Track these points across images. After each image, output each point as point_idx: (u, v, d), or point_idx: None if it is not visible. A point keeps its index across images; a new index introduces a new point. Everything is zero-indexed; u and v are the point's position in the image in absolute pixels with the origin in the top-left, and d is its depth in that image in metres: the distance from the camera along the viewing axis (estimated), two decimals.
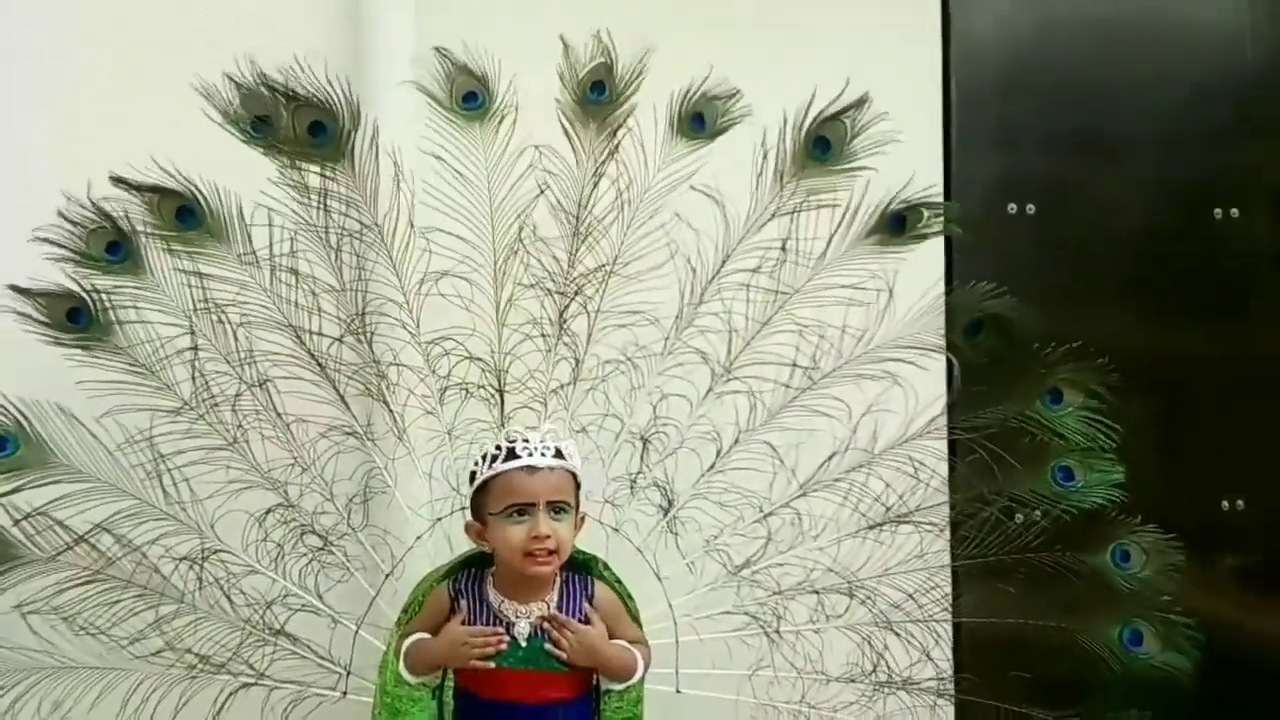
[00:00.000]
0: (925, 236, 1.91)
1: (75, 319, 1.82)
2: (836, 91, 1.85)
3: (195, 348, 1.85)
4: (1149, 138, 2.53)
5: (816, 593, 1.92)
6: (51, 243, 1.78)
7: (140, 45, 2.09)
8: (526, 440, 1.69)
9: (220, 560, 1.89)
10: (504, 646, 1.70)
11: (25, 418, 1.81)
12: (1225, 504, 2.56)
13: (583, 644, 1.71)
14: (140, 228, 1.81)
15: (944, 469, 1.92)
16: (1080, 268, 2.50)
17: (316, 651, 1.90)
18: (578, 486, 1.73)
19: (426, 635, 1.76)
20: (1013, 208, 2.47)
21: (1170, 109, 2.53)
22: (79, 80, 2.11)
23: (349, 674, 1.90)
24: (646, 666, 1.77)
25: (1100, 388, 1.87)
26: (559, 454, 1.69)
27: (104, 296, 1.81)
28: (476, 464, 1.73)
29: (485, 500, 1.71)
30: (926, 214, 1.90)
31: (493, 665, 1.70)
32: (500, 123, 1.86)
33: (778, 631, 1.92)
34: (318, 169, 1.80)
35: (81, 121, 2.09)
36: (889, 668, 1.93)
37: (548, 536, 1.67)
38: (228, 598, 1.89)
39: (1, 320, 1.79)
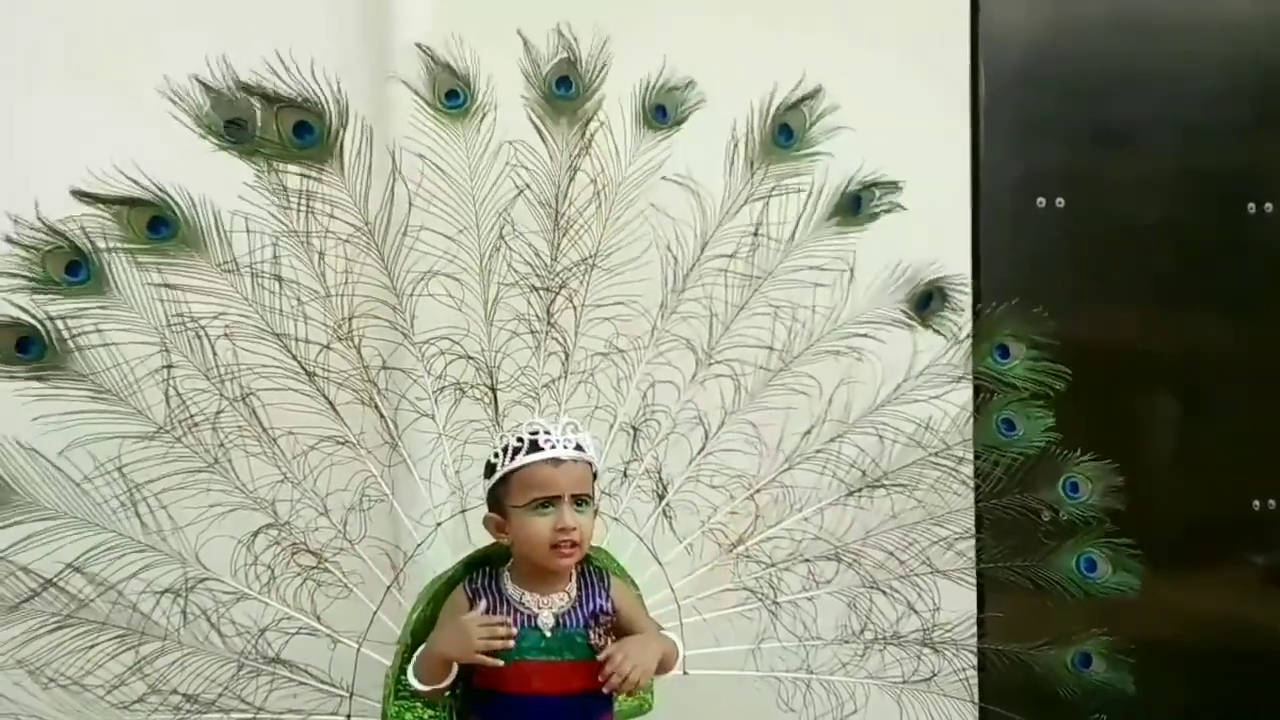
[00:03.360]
0: (877, 215, 2.05)
1: (25, 349, 1.67)
2: (863, 82, 1.93)
3: (170, 366, 1.74)
4: (1182, 130, 2.50)
5: (807, 561, 2.01)
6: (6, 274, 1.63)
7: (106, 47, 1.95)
8: (549, 432, 1.68)
9: (207, 589, 1.78)
10: (511, 642, 1.66)
11: None
12: (1256, 504, 2.54)
13: (642, 663, 1.68)
14: (103, 243, 1.68)
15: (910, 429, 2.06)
16: (1110, 262, 2.46)
17: (316, 676, 1.81)
18: (594, 478, 1.73)
19: None
20: (1041, 201, 2.43)
21: (1204, 100, 2.50)
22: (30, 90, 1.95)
23: (352, 696, 1.82)
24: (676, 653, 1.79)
25: (1042, 337, 2.04)
26: (579, 447, 1.69)
27: (58, 322, 1.67)
28: (495, 456, 1.70)
29: (506, 493, 1.69)
30: (878, 193, 2.04)
31: (500, 664, 1.65)
32: (481, 120, 1.86)
33: (775, 602, 1.99)
34: (304, 171, 1.74)
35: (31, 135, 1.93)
36: (874, 625, 2.04)
37: (573, 528, 1.66)
38: (216, 629, 1.78)
39: None
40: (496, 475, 1.70)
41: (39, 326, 1.67)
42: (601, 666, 1.70)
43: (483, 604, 1.70)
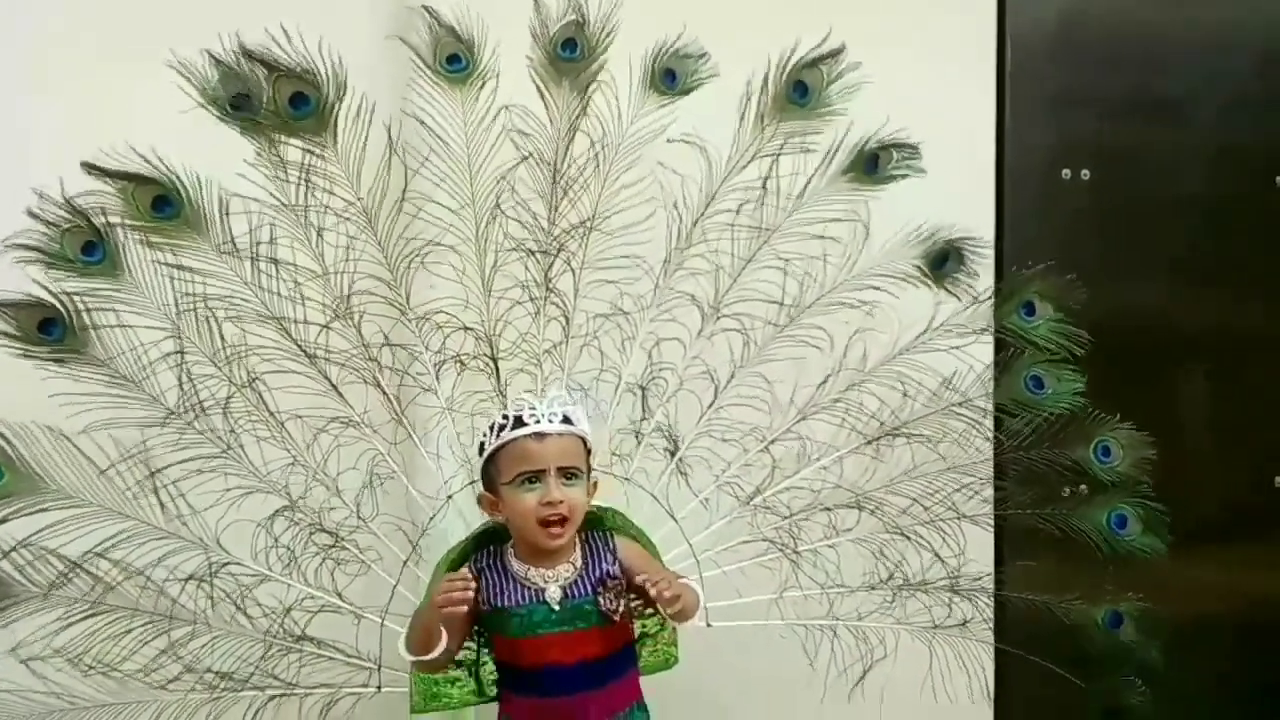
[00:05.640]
0: (895, 177, 1.98)
1: (48, 330, 1.69)
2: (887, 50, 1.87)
3: (181, 351, 1.75)
4: (1210, 101, 2.45)
5: (828, 510, 1.98)
6: (25, 248, 1.64)
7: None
8: (533, 407, 1.68)
9: (229, 573, 1.81)
10: (469, 592, 1.65)
11: (8, 441, 1.68)
12: (1278, 481, 2.52)
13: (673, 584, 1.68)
14: (117, 221, 1.68)
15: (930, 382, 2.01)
16: (1136, 236, 2.42)
17: (344, 651, 1.85)
18: (588, 452, 1.73)
19: None
20: (1067, 173, 2.39)
21: (1232, 72, 2.45)
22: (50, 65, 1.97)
23: (380, 668, 1.85)
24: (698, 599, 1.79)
25: (1068, 299, 1.98)
26: (566, 420, 1.69)
27: (78, 302, 1.68)
28: (484, 435, 1.72)
29: (496, 470, 1.70)
30: (896, 155, 1.97)
31: (464, 610, 1.65)
32: (482, 87, 1.82)
33: (796, 552, 1.97)
34: (301, 145, 1.72)
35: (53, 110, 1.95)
36: (903, 573, 2.01)
37: (560, 502, 1.66)
38: (243, 611, 1.82)
39: None
40: (485, 454, 1.71)
41: (60, 307, 1.68)
42: (616, 629, 1.73)
43: (485, 581, 1.72)
